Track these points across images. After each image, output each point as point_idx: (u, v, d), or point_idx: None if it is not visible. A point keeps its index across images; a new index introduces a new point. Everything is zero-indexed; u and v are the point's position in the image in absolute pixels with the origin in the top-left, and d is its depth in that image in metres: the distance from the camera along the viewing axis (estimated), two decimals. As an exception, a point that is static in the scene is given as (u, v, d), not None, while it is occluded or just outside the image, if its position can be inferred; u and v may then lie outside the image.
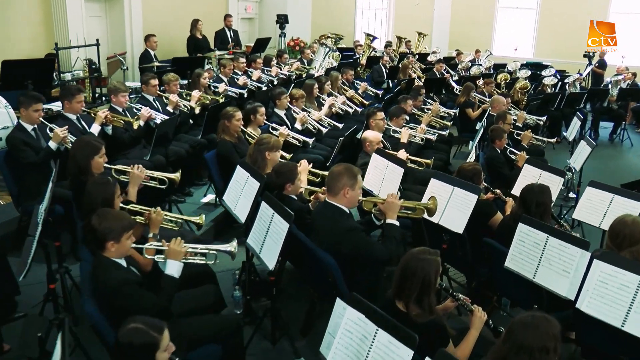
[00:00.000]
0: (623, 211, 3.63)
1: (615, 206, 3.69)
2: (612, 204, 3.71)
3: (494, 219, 3.80)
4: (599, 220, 3.76)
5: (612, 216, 3.60)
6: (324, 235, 3.05)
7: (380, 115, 5.42)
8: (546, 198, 3.33)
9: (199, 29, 8.79)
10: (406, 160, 4.84)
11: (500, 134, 5.41)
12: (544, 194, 3.33)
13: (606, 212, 3.72)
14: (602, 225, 3.74)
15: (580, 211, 3.89)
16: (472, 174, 3.84)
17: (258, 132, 5.39)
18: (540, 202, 3.30)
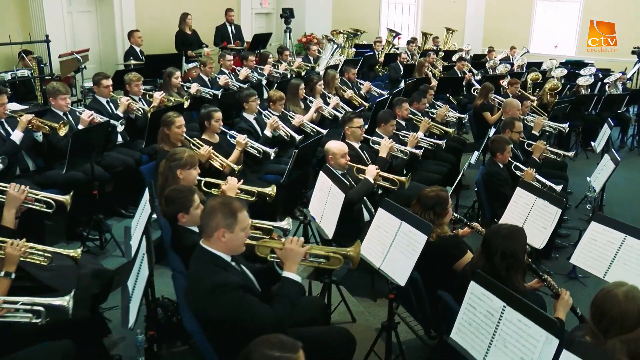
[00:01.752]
0: (637, 260, 2.68)
1: (627, 252, 2.74)
2: (622, 248, 2.75)
3: (462, 261, 2.93)
4: (603, 269, 2.80)
5: (622, 265, 2.68)
6: (188, 292, 2.30)
7: (358, 122, 4.59)
8: (516, 246, 2.43)
9: (188, 23, 8.20)
10: (376, 178, 4.02)
11: (502, 146, 4.47)
12: (513, 242, 2.44)
13: (614, 258, 2.77)
14: (607, 276, 2.78)
15: (580, 255, 2.94)
16: (434, 202, 2.99)
17: (216, 140, 4.73)
18: (507, 252, 2.40)
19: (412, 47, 11.57)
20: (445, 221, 2.99)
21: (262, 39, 8.67)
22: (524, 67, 10.96)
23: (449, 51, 12.08)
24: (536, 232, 3.18)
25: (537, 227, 3.19)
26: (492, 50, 12.10)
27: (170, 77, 5.94)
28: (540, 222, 3.18)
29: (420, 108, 6.29)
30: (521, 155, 5.04)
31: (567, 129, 5.88)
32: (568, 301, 2.53)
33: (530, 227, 3.24)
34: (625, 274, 2.68)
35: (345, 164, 4.04)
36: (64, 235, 4.50)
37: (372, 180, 3.99)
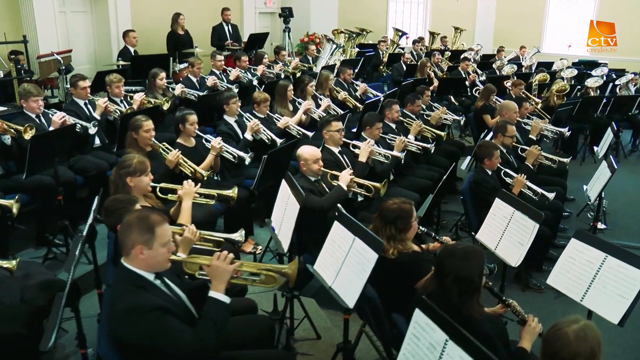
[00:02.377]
0: (614, 281, 2.40)
1: (607, 273, 2.45)
2: (602, 269, 2.47)
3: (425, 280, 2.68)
4: (581, 292, 2.52)
5: (601, 289, 2.41)
6: (104, 314, 2.11)
7: (336, 126, 4.36)
8: (472, 269, 2.15)
9: (180, 24, 8.04)
10: (350, 185, 3.79)
11: (490, 152, 4.19)
12: (468, 264, 2.16)
13: (593, 280, 2.49)
14: (585, 300, 2.50)
15: (557, 275, 2.65)
16: (395, 215, 2.74)
17: (192, 143, 4.55)
18: (460, 275, 2.14)
19: (418, 46, 11.27)
20: (409, 236, 2.75)
21: (259, 39, 8.47)
22: (532, 67, 10.58)
23: (457, 51, 11.76)
24: (513, 248, 2.91)
25: (514, 242, 2.92)
26: (502, 50, 11.74)
27: (155, 78, 5.79)
28: (517, 236, 2.90)
29: (414, 110, 6.02)
30: (515, 161, 4.75)
31: (567, 133, 5.54)
32: (535, 328, 2.28)
33: (507, 242, 2.98)
34: (603, 299, 2.41)
35: (319, 170, 3.82)
36: (34, 240, 4.39)
37: (346, 187, 3.76)
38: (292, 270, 2.23)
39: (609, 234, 5.32)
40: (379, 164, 4.64)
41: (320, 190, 3.82)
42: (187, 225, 3.13)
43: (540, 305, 4.03)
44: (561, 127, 5.66)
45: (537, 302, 4.05)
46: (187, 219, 3.21)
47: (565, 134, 5.55)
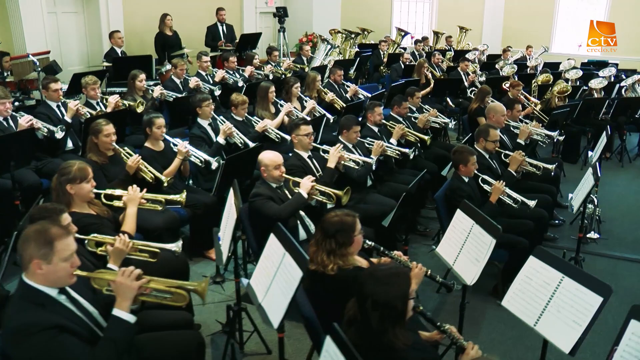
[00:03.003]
0: (569, 305, 2.17)
1: (563, 296, 2.21)
2: (558, 292, 2.23)
3: None
4: (535, 316, 2.28)
5: (555, 313, 2.19)
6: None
7: (305, 130, 4.17)
8: (393, 293, 1.92)
9: (167, 24, 7.94)
10: (312, 192, 3.60)
11: (465, 158, 3.95)
12: (389, 288, 1.93)
13: (548, 303, 2.25)
14: (538, 325, 2.26)
15: (513, 297, 2.41)
16: (336, 229, 2.55)
17: (160, 147, 4.42)
18: (380, 300, 1.92)
19: (420, 47, 11.01)
20: (351, 251, 2.54)
21: (252, 39, 8.33)
22: (538, 68, 10.24)
23: (462, 51, 11.46)
24: (470, 264, 2.68)
25: (471, 258, 2.69)
26: (508, 50, 11.41)
27: (134, 80, 5.68)
28: (474, 252, 2.67)
29: (401, 112, 5.79)
30: (498, 167, 4.50)
31: (557, 137, 5.26)
32: (474, 356, 2.05)
33: (464, 258, 2.75)
34: (557, 324, 2.18)
35: (280, 176, 3.64)
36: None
37: (306, 195, 3.57)
38: (202, 287, 2.06)
39: (602, 243, 5.03)
40: (355, 169, 4.45)
41: (281, 198, 3.64)
42: (128, 233, 3.00)
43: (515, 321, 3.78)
44: (556, 131, 5.36)
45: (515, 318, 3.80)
46: (131, 227, 3.06)
47: (555, 138, 5.25)
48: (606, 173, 7.20)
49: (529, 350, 3.38)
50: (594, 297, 2.12)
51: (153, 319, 2.61)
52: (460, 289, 2.86)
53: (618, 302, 4.02)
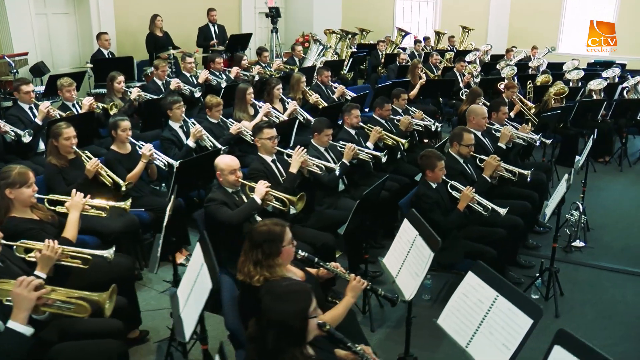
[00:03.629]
0: (501, 327, 2.01)
1: (496, 316, 2.05)
2: (492, 311, 2.07)
3: None
4: (467, 336, 2.12)
5: (487, 335, 2.03)
6: None
7: (268, 133, 4.04)
8: (290, 311, 1.78)
9: (157, 25, 7.89)
10: (266, 198, 3.48)
11: (432, 163, 3.78)
12: (286, 305, 1.80)
13: (481, 323, 2.09)
14: (470, 347, 2.09)
15: (448, 315, 2.25)
16: (263, 239, 2.42)
17: (127, 150, 4.35)
18: (275, 318, 1.79)
19: (419, 47, 10.81)
20: (279, 262, 2.41)
21: (242, 40, 8.24)
22: (540, 68, 9.95)
23: (464, 51, 11.23)
24: (410, 278, 2.53)
25: (411, 271, 2.54)
26: (511, 50, 11.14)
27: (113, 82, 5.63)
28: (415, 266, 2.51)
29: (383, 114, 5.64)
30: (473, 172, 4.31)
31: (538, 141, 5.05)
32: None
33: (406, 271, 2.59)
34: (488, 347, 2.02)
35: (235, 181, 3.52)
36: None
37: (260, 200, 3.45)
38: (103, 299, 1.96)
39: (588, 252, 4.81)
40: (326, 173, 4.32)
41: (236, 203, 3.53)
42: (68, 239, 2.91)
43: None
44: (539, 135, 5.15)
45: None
46: (71, 233, 2.98)
47: (537, 142, 5.04)
48: (603, 178, 6.95)
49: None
50: (524, 319, 1.95)
51: (80, 326, 2.52)
52: (406, 303, 2.70)
53: (593, 316, 3.83)
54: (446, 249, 3.74)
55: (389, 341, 3.50)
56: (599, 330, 3.65)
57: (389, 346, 3.40)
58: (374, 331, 3.59)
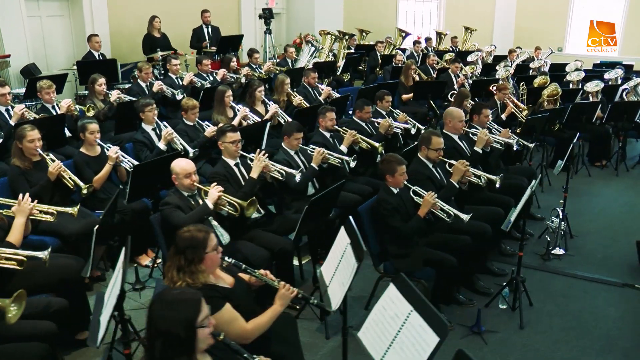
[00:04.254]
0: (411, 343, 1.94)
1: (408, 332, 1.97)
2: (405, 326, 1.99)
3: (215, 317, 2.30)
4: (381, 352, 2.04)
5: (399, 350, 1.96)
6: None
7: (231, 137, 4.00)
8: (173, 322, 1.73)
9: (155, 26, 7.94)
10: (219, 202, 3.45)
11: (393, 168, 3.68)
12: (172, 313, 1.75)
13: (395, 338, 2.01)
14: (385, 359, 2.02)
15: (368, 327, 2.18)
16: (186, 245, 2.38)
17: (96, 152, 4.38)
18: (159, 326, 1.75)
19: (418, 47, 10.69)
20: (202, 268, 2.36)
21: (233, 41, 8.23)
22: (540, 69, 9.74)
23: (466, 52, 11.06)
24: (338, 288, 2.46)
25: (340, 281, 2.47)
26: (514, 51, 10.93)
27: (94, 84, 5.66)
28: (343, 274, 2.44)
29: (363, 117, 5.57)
30: (443, 177, 4.20)
31: (516, 146, 4.91)
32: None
33: (336, 280, 2.53)
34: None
35: (191, 184, 3.50)
36: None
37: (212, 205, 3.42)
38: (6, 304, 1.94)
39: (567, 260, 4.67)
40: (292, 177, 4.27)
41: (190, 207, 3.50)
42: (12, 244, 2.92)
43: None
44: (515, 139, 5.01)
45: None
46: (15, 237, 2.99)
47: (515, 147, 4.90)
48: (597, 182, 6.75)
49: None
50: (432, 336, 1.87)
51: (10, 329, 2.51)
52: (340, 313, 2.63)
53: (560, 327, 3.70)
54: (405, 255, 3.67)
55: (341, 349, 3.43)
56: (562, 343, 3.53)
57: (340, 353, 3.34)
58: (329, 338, 3.52)
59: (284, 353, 2.57)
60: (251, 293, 2.66)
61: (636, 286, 4.20)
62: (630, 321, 3.76)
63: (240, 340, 2.38)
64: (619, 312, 3.88)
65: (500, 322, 3.73)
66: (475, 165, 4.68)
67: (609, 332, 3.64)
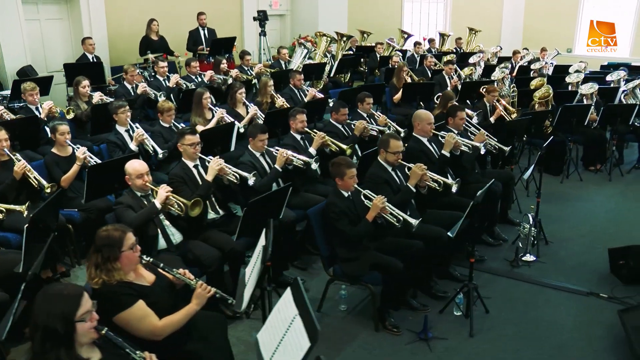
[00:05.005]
0: (291, 348, 1.94)
1: (292, 337, 1.96)
2: (290, 330, 1.98)
3: (124, 315, 2.40)
4: (270, 353, 2.03)
5: (282, 354, 1.98)
6: None
7: (190, 140, 4.06)
8: (51, 316, 1.80)
9: (153, 29, 8.09)
10: (167, 202, 3.52)
11: (342, 171, 3.67)
12: (48, 306, 1.83)
13: (281, 342, 2.00)
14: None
15: (266, 328, 2.17)
16: (103, 243, 2.45)
17: (67, 153, 4.52)
18: (40, 322, 1.81)
19: (419, 49, 10.59)
20: (117, 266, 2.42)
21: (225, 43, 8.31)
22: (543, 70, 9.53)
23: (469, 53, 10.91)
24: (249, 289, 2.46)
25: (251, 283, 2.47)
26: (518, 52, 10.74)
27: (78, 86, 5.81)
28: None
29: (339, 119, 5.57)
30: (403, 180, 4.16)
31: (483, 149, 4.82)
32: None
33: (251, 281, 2.54)
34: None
35: (143, 185, 3.56)
36: None
37: (159, 205, 3.48)
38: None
39: (535, 267, 4.57)
40: (258, 178, 4.30)
41: (142, 206, 3.56)
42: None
43: (388, 349, 3.49)
44: (482, 143, 4.92)
45: (387, 345, 3.52)
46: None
47: (481, 150, 4.80)
48: (588, 187, 6.58)
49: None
50: (305, 341, 1.87)
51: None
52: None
53: (511, 335, 3.62)
54: (353, 259, 3.66)
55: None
56: (509, 352, 3.46)
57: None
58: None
59: (201, 352, 2.60)
60: (174, 291, 2.69)
61: (601, 295, 4.08)
62: (584, 332, 3.65)
63: (151, 336, 2.43)
64: (576, 322, 3.77)
65: (451, 329, 3.67)
66: (443, 168, 4.64)
67: (561, 342, 3.55)
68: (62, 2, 8.20)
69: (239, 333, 3.57)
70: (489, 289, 4.17)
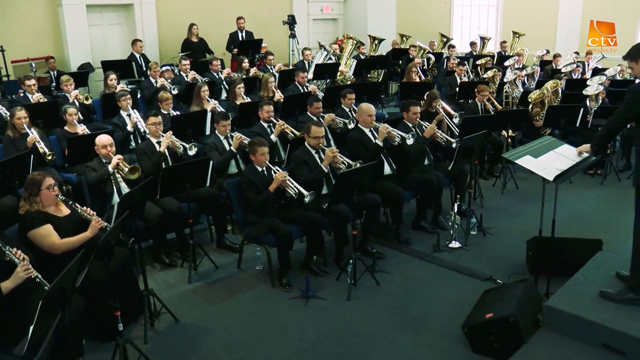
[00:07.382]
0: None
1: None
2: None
3: (34, 232, 3.31)
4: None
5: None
6: None
7: (152, 120, 4.98)
8: None
9: (193, 32, 9.23)
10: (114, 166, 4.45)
11: (254, 149, 4.35)
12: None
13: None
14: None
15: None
16: (27, 183, 3.42)
17: (75, 130, 5.65)
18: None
19: (452, 51, 10.72)
20: (37, 201, 3.36)
21: (253, 45, 9.26)
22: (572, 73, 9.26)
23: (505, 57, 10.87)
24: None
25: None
26: (559, 56, 10.47)
27: (106, 79, 7.05)
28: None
29: (313, 112, 6.17)
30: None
31: (409, 139, 5.09)
32: None
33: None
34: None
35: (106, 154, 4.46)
36: None
37: (111, 169, 4.44)
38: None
39: (456, 254, 4.83)
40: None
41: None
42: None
43: (271, 299, 4.09)
44: (410, 132, 5.22)
45: (273, 297, 4.10)
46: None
47: (409, 139, 5.09)
48: (570, 188, 6.46)
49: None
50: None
51: None
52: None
53: (383, 305, 3.98)
54: (254, 223, 4.32)
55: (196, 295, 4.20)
56: (371, 318, 3.83)
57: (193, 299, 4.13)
58: (191, 282, 4.33)
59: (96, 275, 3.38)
60: (84, 224, 3.52)
61: (498, 281, 4.29)
62: (457, 310, 3.84)
63: (51, 250, 3.33)
64: (455, 300, 4.02)
65: (334, 292, 4.16)
66: (377, 156, 5.06)
67: (426, 314, 3.85)
68: (121, 9, 9.68)
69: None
70: (396, 267, 4.56)
